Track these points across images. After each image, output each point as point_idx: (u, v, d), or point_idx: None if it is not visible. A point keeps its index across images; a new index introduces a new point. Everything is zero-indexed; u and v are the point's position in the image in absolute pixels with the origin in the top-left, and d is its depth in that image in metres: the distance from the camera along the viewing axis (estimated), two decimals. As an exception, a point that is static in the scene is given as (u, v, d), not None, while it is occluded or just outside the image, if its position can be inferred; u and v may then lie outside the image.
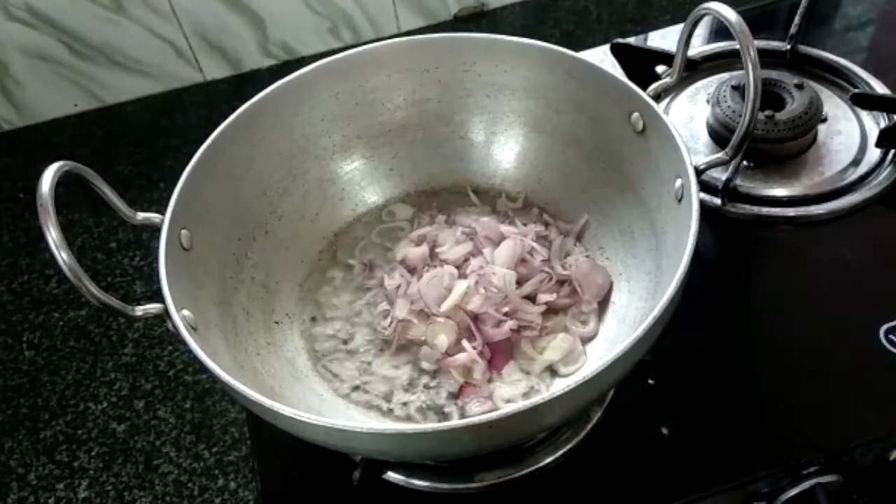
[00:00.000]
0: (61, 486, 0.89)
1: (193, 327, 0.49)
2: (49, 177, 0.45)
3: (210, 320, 0.53)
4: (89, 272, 0.44)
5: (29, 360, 1.01)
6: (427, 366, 0.58)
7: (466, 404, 0.56)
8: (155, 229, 0.52)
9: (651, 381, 0.59)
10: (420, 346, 0.59)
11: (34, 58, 1.28)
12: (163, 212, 0.53)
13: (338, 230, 0.68)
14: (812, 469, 0.54)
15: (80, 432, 0.93)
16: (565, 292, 0.61)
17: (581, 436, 0.56)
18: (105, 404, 0.96)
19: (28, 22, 1.24)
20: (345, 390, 0.58)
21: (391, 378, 0.58)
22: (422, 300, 0.59)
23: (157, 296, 0.48)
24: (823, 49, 0.80)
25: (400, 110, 0.68)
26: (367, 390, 0.58)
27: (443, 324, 0.58)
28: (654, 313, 0.43)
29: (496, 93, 0.66)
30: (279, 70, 1.38)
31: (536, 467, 0.55)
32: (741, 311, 0.63)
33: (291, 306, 0.63)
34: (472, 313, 0.59)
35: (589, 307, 0.60)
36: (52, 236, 0.43)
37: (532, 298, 0.60)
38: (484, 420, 0.40)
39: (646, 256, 0.58)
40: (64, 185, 0.46)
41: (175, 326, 0.46)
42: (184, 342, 0.45)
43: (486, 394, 0.56)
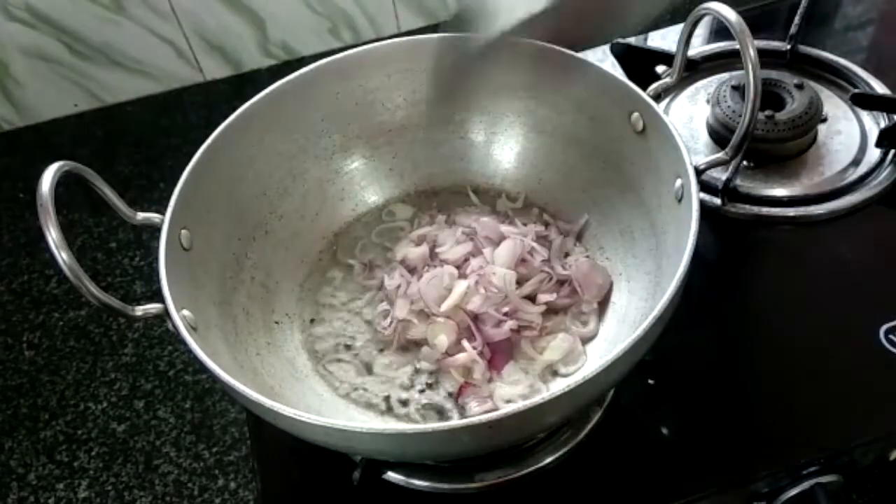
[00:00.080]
0: (61, 486, 0.89)
1: (193, 327, 0.49)
2: (49, 177, 0.45)
3: (210, 320, 0.53)
4: (89, 272, 0.44)
5: (29, 360, 1.01)
6: (427, 366, 0.58)
7: (466, 404, 0.56)
8: (155, 229, 0.52)
9: (651, 381, 0.59)
10: (420, 346, 0.59)
11: (34, 58, 1.28)
12: (163, 212, 0.53)
13: (338, 230, 0.68)
14: (812, 469, 0.54)
15: (80, 432, 0.93)
16: (565, 292, 0.61)
17: (581, 436, 0.56)
18: (105, 404, 0.95)
19: (28, 22, 1.24)
20: (345, 390, 0.58)
21: (391, 378, 0.58)
22: (422, 300, 0.59)
23: (157, 296, 0.48)
24: (823, 49, 0.80)
25: (400, 110, 0.68)
26: (367, 390, 0.58)
27: (443, 324, 0.58)
28: (654, 313, 0.43)
29: (496, 93, 0.66)
30: (279, 70, 1.38)
31: (536, 467, 0.55)
32: (741, 311, 0.63)
33: (291, 306, 0.63)
34: (472, 313, 0.59)
35: (589, 307, 0.60)
36: (52, 236, 0.43)
37: (532, 298, 0.60)
38: (484, 420, 0.40)
39: (646, 256, 0.58)
40: (64, 185, 0.46)
41: (175, 326, 0.46)
42: (184, 342, 0.45)
43: (486, 394, 0.56)
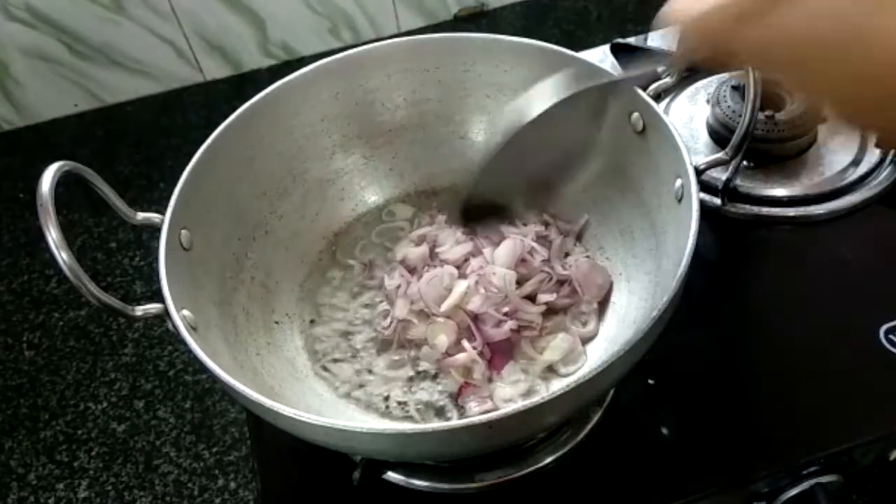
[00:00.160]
0: (61, 486, 0.89)
1: (193, 327, 0.49)
2: (49, 177, 0.45)
3: (210, 320, 0.53)
4: (89, 272, 0.44)
5: (29, 360, 1.01)
6: (427, 366, 0.58)
7: (466, 404, 0.56)
8: (155, 229, 0.52)
9: (651, 381, 0.59)
10: (420, 346, 0.59)
11: (34, 58, 1.28)
12: (163, 212, 0.53)
13: (338, 230, 0.68)
14: (812, 469, 0.54)
15: (80, 432, 0.93)
16: (565, 292, 0.61)
17: (581, 436, 0.56)
18: (105, 404, 0.95)
19: (28, 22, 1.24)
20: (345, 390, 0.58)
21: (391, 378, 0.58)
22: (422, 300, 0.59)
23: (157, 296, 0.48)
24: (823, 49, 0.80)
25: (400, 110, 0.68)
26: (368, 390, 0.58)
27: (443, 324, 0.58)
28: (654, 313, 0.43)
29: (496, 93, 0.66)
30: (279, 70, 1.38)
31: (536, 467, 0.55)
32: (741, 311, 0.63)
33: (291, 306, 0.63)
34: (472, 313, 0.59)
35: (589, 307, 0.60)
36: (52, 236, 0.43)
37: (532, 298, 0.60)
38: (484, 420, 0.40)
39: (646, 256, 0.58)
40: (64, 185, 0.46)
41: (175, 326, 0.46)
42: (184, 342, 0.45)
43: (486, 394, 0.56)
